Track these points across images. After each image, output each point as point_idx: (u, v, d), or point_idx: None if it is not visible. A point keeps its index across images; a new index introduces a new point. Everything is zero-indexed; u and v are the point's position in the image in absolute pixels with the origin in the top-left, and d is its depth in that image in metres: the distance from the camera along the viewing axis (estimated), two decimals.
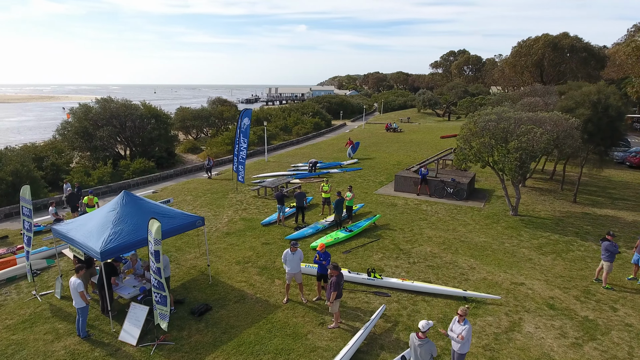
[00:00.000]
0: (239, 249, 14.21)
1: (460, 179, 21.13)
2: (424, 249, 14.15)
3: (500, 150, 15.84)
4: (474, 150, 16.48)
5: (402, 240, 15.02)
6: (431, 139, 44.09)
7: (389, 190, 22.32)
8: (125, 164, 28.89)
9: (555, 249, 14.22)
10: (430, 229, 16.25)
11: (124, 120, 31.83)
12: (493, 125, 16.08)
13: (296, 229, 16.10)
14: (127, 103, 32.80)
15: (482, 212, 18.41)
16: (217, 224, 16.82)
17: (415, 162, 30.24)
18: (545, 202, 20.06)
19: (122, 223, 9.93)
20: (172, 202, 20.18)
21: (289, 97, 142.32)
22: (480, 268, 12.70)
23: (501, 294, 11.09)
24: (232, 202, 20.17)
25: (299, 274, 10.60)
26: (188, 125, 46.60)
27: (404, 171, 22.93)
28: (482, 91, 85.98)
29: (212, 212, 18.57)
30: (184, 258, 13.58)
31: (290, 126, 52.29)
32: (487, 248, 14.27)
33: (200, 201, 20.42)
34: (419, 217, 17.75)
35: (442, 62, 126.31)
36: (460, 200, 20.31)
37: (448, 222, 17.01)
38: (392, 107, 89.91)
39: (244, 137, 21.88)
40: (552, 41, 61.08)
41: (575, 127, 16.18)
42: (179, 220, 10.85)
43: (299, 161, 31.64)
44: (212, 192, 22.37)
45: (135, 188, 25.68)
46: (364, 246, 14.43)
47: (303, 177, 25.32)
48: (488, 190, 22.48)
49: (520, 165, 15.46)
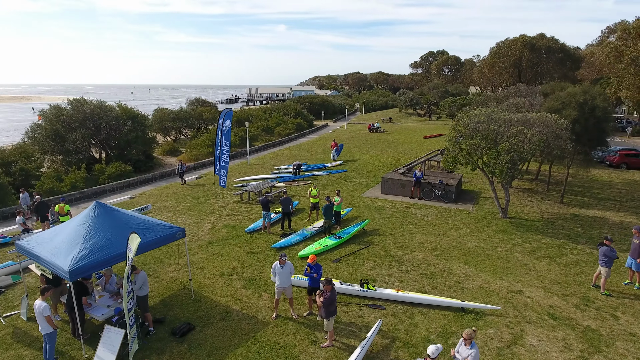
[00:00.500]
0: (222, 260, 13.41)
1: (448, 181, 20.79)
2: (417, 256, 13.65)
3: (491, 153, 15.49)
4: (464, 152, 16.09)
5: (393, 246, 14.49)
6: (414, 140, 43.94)
7: (376, 193, 21.82)
8: (100, 168, 27.61)
9: (548, 253, 13.93)
10: (420, 233, 15.79)
11: (98, 122, 30.46)
12: (483, 127, 15.73)
13: (282, 236, 15.40)
14: (101, 104, 31.43)
15: (472, 215, 18.07)
16: (198, 232, 15.96)
17: (400, 163, 29.90)
18: (533, 204, 19.89)
19: (94, 237, 9.04)
20: (150, 208, 19.18)
21: (270, 98, 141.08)
22: (476, 275, 12.26)
23: (500, 303, 10.65)
24: (214, 207, 19.30)
25: (289, 288, 9.91)
26: (167, 127, 45.23)
27: (391, 173, 22.47)
28: (461, 91, 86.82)
29: (193, 219, 17.68)
30: (164, 271, 12.71)
31: (272, 127, 51.43)
32: (481, 253, 13.87)
33: (181, 207, 19.48)
34: (408, 221, 17.28)
35: (421, 62, 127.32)
36: (448, 202, 19.95)
37: (438, 226, 16.59)
38: (374, 107, 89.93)
39: (225, 139, 21.04)
40: (530, 42, 61.97)
41: (564, 129, 15.96)
42: (157, 232, 10.01)
43: (282, 163, 30.89)
44: (193, 197, 21.43)
45: (111, 193, 24.53)
46: (354, 254, 13.84)
47: (287, 180, 24.60)
48: (475, 192, 22.23)
49: (511, 168, 15.14)
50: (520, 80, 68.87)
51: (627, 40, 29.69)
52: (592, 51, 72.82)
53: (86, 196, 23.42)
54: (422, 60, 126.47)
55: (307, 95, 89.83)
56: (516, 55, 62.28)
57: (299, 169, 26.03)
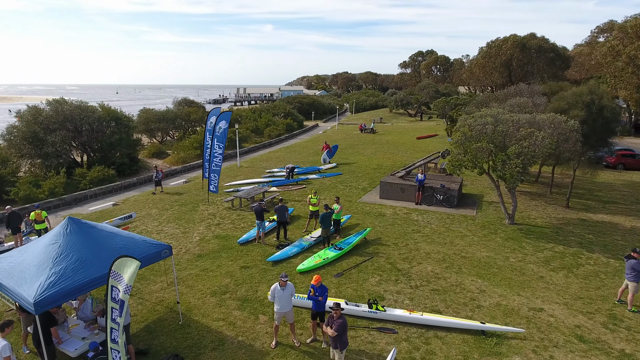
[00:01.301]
0: (213, 276, 12.22)
1: (449, 185, 19.88)
2: (425, 269, 12.64)
3: (500, 156, 14.57)
4: (470, 156, 15.15)
5: (398, 257, 13.47)
6: (407, 140, 43.12)
7: (374, 198, 20.80)
8: (81, 173, 26.09)
9: (564, 264, 13.05)
10: (425, 242, 14.80)
11: (79, 123, 28.91)
12: (490, 129, 14.80)
13: (278, 247, 14.26)
14: (82, 105, 29.86)
15: (477, 221, 17.16)
16: (187, 244, 14.73)
17: (396, 165, 28.99)
18: (538, 208, 19.08)
19: (65, 260, 7.81)
20: (134, 217, 17.86)
21: (258, 98, 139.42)
22: (491, 290, 11.30)
23: (522, 324, 9.69)
24: (203, 215, 18.06)
25: (290, 313, 8.80)
26: (152, 128, 43.64)
27: (389, 177, 21.48)
28: (451, 91, 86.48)
29: (181, 228, 16.43)
30: (148, 290, 11.48)
31: (261, 128, 50.18)
32: (492, 265, 12.93)
33: (167, 215, 18.19)
34: (411, 228, 16.28)
35: (410, 62, 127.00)
36: (450, 207, 19.03)
37: (443, 234, 15.62)
38: (364, 107, 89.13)
39: (218, 142, 19.72)
40: (521, 42, 61.72)
41: (574, 130, 15.13)
42: (140, 250, 8.79)
43: (274, 166, 29.71)
44: (181, 203, 20.15)
45: (93, 200, 23.10)
46: (357, 267, 12.77)
47: (281, 185, 23.44)
48: (476, 196, 21.37)
49: (521, 172, 14.23)
50: (511, 80, 68.74)
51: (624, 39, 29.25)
52: (580, 51, 73.15)
53: (66, 203, 21.98)
54: (411, 60, 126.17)
55: (296, 95, 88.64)
56: (507, 55, 61.98)
57: (292, 172, 24.89)
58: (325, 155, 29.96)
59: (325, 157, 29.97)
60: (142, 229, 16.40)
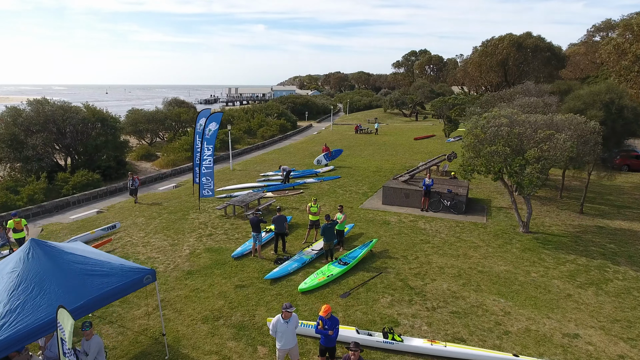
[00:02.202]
0: (205, 297, 10.89)
1: (456, 190, 18.73)
2: (440, 286, 11.43)
3: (517, 161, 13.41)
4: (484, 160, 13.98)
5: (409, 273, 12.24)
6: (405, 141, 42.01)
7: (377, 204, 19.58)
8: (63, 177, 24.54)
9: (590, 279, 11.92)
10: (437, 254, 13.59)
11: (61, 125, 27.32)
12: (506, 131, 13.64)
13: (277, 261, 12.96)
14: (65, 105, 28.26)
15: (488, 229, 16.01)
16: (175, 259, 13.36)
17: (395, 168, 27.83)
18: (550, 214, 18.00)
19: (24, 293, 6.47)
20: (118, 227, 16.44)
21: (250, 98, 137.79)
22: (517, 312, 10.12)
23: (558, 354, 8.51)
24: (193, 225, 16.69)
25: (295, 349, 7.53)
26: (141, 129, 42.02)
27: (392, 181, 20.26)
28: (445, 91, 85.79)
29: (169, 240, 15.04)
30: (130, 316, 10.11)
31: (254, 129, 48.79)
32: (513, 281, 11.76)
33: (154, 225, 16.79)
34: (419, 238, 15.08)
35: (404, 61, 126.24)
36: (458, 214, 17.88)
37: (455, 245, 14.44)
38: (358, 107, 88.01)
39: (208, 144, 18.39)
40: (517, 41, 61.03)
41: (595, 132, 14.03)
42: (118, 277, 7.46)
43: (268, 169, 28.37)
44: (170, 211, 18.74)
45: (76, 207, 21.61)
46: (365, 284, 11.52)
47: (276, 190, 22.11)
48: (483, 201, 20.25)
49: (541, 177, 13.09)
50: (506, 80, 68.10)
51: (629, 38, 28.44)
52: (574, 50, 72.74)
53: (46, 210, 20.45)
54: (404, 59, 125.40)
55: (289, 95, 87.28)
56: (503, 54, 61.23)
57: (288, 175, 23.57)
58: (322, 157, 28.67)
59: (322, 158, 28.68)
60: (126, 241, 15.00)
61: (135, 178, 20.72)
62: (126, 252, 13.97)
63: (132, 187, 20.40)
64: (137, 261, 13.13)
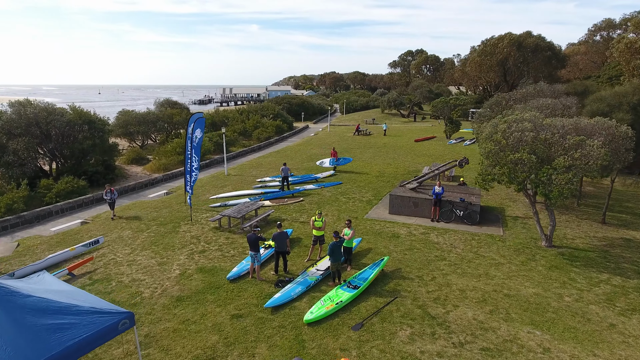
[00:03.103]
0: (196, 331, 9.45)
1: (469, 198, 17.41)
2: (464, 314, 10.07)
3: (545, 170, 12.09)
4: (506, 168, 12.63)
5: (427, 297, 10.87)
6: (405, 143, 40.71)
7: (383, 213, 18.21)
8: (46, 184, 22.93)
9: (632, 304, 10.62)
10: (456, 274, 12.24)
11: (45, 128, 25.73)
12: (531, 137, 12.32)
13: (277, 284, 11.53)
14: (49, 107, 26.64)
15: (507, 243, 14.69)
16: (163, 281, 11.90)
17: (398, 172, 26.51)
18: (571, 225, 16.72)
19: None
20: (101, 242, 14.93)
21: (245, 98, 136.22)
22: (557, 348, 8.77)
23: None
24: (185, 239, 15.22)
25: None
26: (132, 132, 40.37)
27: (399, 188, 18.90)
28: (443, 91, 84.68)
29: (157, 258, 13.57)
30: (109, 356, 8.63)
31: (249, 130, 47.32)
32: (546, 307, 10.42)
33: (142, 239, 15.30)
34: (433, 254, 13.72)
35: (400, 61, 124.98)
36: (472, 224, 16.56)
37: (473, 262, 13.09)
38: (354, 108, 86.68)
39: (195, 153, 16.99)
40: (517, 40, 60.00)
41: (628, 137, 12.75)
42: (86, 327, 6.00)
43: (265, 174, 26.92)
44: (159, 222, 17.26)
45: (59, 216, 20.07)
46: (379, 313, 10.14)
47: (274, 198, 20.67)
48: (496, 209, 18.95)
49: (572, 188, 11.78)
50: (506, 80, 67.11)
51: None
52: (573, 50, 71.89)
53: (26, 221, 18.89)
54: (400, 59, 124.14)
55: (285, 95, 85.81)
56: (503, 54, 60.16)
57: (285, 181, 22.11)
58: (327, 160, 27.32)
59: (326, 161, 27.40)
60: (110, 259, 13.51)
61: (113, 190, 18.26)
62: (108, 272, 12.49)
63: (109, 200, 18.08)
64: (121, 284, 11.67)
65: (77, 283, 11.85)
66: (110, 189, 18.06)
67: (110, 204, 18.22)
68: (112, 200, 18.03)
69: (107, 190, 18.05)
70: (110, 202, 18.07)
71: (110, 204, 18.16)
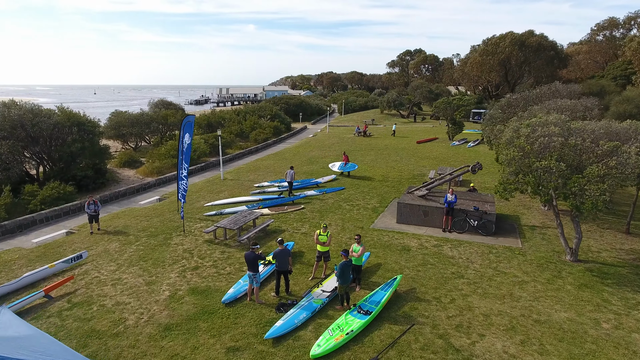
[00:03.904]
0: None
1: (483, 206, 16.22)
2: (492, 347, 8.84)
3: (575, 179, 10.89)
4: (531, 177, 11.42)
5: (448, 323, 9.65)
6: (407, 145, 39.52)
7: (390, 222, 16.99)
8: (30, 191, 21.60)
9: None
10: (476, 295, 11.02)
11: (31, 130, 24.40)
12: (560, 142, 11.12)
13: (279, 309, 10.26)
14: (35, 108, 25.31)
15: (528, 257, 13.49)
16: (150, 304, 10.61)
17: (403, 176, 25.32)
18: (594, 235, 15.56)
19: None
20: (85, 257, 13.62)
21: (242, 98, 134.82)
22: None
23: None
24: (176, 253, 13.93)
25: None
26: (125, 133, 39.00)
27: (407, 195, 17.68)
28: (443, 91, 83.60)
29: (145, 275, 12.28)
30: None
31: (246, 131, 46.07)
32: (583, 336, 9.21)
33: (130, 253, 14.00)
34: (449, 270, 12.49)
35: (398, 61, 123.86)
36: (487, 235, 15.37)
37: (494, 280, 11.88)
38: (353, 108, 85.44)
39: (185, 162, 15.72)
40: (519, 39, 58.96)
41: None
42: None
43: (263, 178, 25.65)
44: (150, 233, 15.96)
45: (44, 225, 18.84)
46: (395, 344, 8.90)
47: (273, 205, 19.39)
48: (510, 217, 17.77)
49: (606, 200, 10.59)
50: (507, 80, 66.08)
51: None
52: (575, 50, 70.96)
53: (7, 231, 17.61)
54: (399, 59, 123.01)
55: (282, 95, 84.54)
56: (505, 53, 59.09)
57: (291, 186, 20.96)
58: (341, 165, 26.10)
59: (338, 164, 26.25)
60: (93, 277, 12.22)
61: (95, 202, 16.05)
62: (90, 294, 11.19)
63: (92, 213, 15.96)
64: (102, 309, 10.38)
65: (53, 307, 10.56)
66: (94, 200, 16.05)
67: (93, 217, 16.04)
68: (95, 213, 16.02)
69: (89, 202, 16.01)
70: (93, 215, 16.00)
71: (93, 216, 16.03)
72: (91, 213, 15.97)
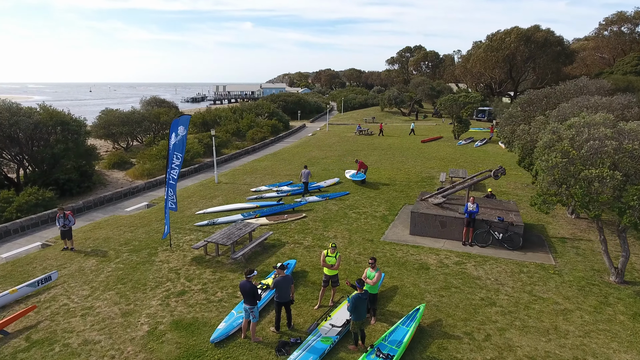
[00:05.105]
0: None
1: (507, 216, 14.45)
2: None
3: (632, 190, 9.11)
4: (581, 189, 9.63)
5: None
6: (411, 144, 37.72)
7: (403, 234, 15.19)
8: (6, 197, 19.72)
9: None
10: (514, 328, 9.24)
11: (9, 130, 22.52)
12: (613, 147, 9.34)
13: (280, 349, 8.45)
14: (12, 107, 23.38)
15: (565, 277, 11.72)
16: (125, 345, 8.77)
17: (411, 179, 23.54)
18: (634, 250, 13.78)
19: None
20: (55, 279, 11.78)
21: (239, 96, 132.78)
22: None
23: None
24: (161, 273, 12.10)
25: None
26: (115, 132, 37.09)
27: (421, 203, 15.88)
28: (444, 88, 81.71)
29: (122, 303, 10.44)
30: None
31: (243, 130, 44.23)
32: None
33: (107, 274, 12.15)
34: (478, 295, 10.71)
35: (398, 58, 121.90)
36: (514, 249, 13.61)
37: (532, 308, 10.10)
38: (353, 106, 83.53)
39: (177, 151, 13.75)
40: (525, 34, 57.18)
41: None
42: None
43: (260, 181, 23.81)
44: (132, 248, 14.12)
45: (19, 236, 17.11)
46: None
47: (271, 214, 17.56)
48: (534, 226, 16.01)
49: None
50: (511, 76, 64.33)
51: None
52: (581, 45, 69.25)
53: None
54: (399, 56, 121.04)
55: (280, 92, 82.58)
56: (510, 49, 57.30)
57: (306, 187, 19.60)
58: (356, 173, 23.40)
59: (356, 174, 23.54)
60: (60, 306, 10.39)
61: (69, 214, 13.93)
62: (54, 329, 9.35)
63: (63, 228, 13.87)
64: (66, 350, 8.55)
65: (7, 347, 8.72)
66: (64, 213, 13.83)
67: (64, 233, 13.95)
68: (66, 229, 13.88)
69: (59, 214, 13.85)
70: (65, 231, 13.90)
71: (65, 232, 13.92)
72: (61, 228, 13.89)
